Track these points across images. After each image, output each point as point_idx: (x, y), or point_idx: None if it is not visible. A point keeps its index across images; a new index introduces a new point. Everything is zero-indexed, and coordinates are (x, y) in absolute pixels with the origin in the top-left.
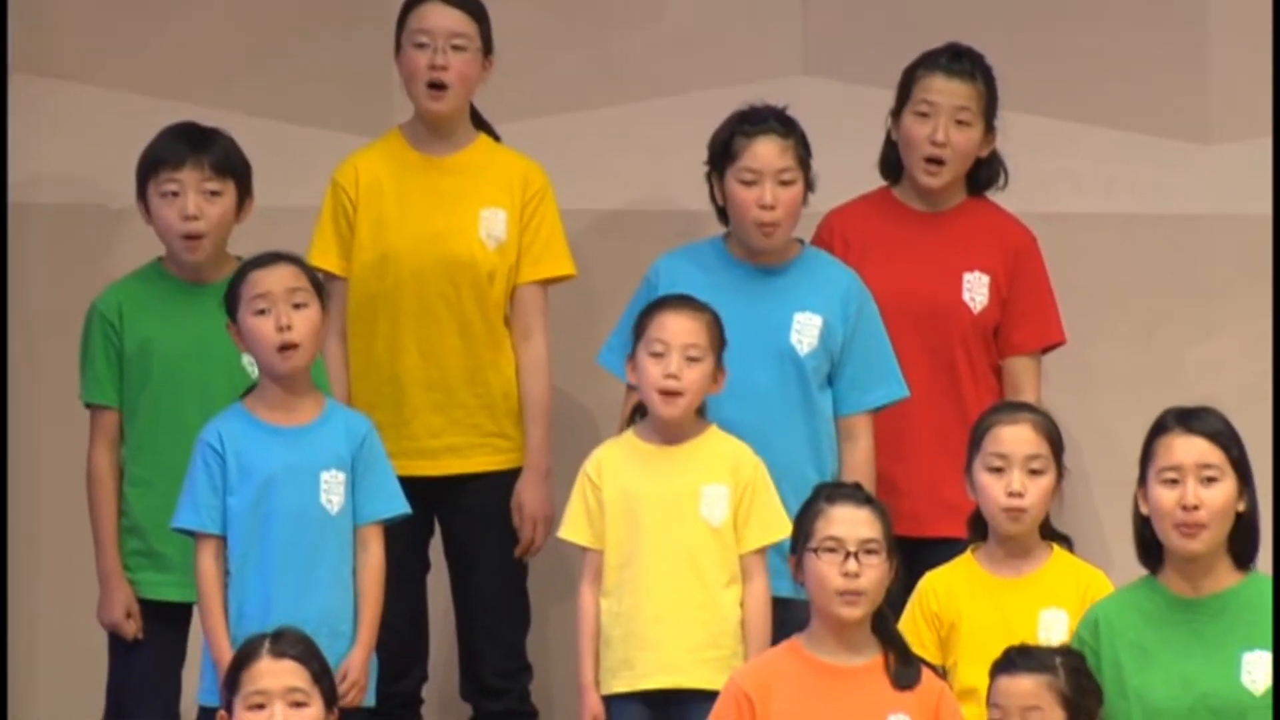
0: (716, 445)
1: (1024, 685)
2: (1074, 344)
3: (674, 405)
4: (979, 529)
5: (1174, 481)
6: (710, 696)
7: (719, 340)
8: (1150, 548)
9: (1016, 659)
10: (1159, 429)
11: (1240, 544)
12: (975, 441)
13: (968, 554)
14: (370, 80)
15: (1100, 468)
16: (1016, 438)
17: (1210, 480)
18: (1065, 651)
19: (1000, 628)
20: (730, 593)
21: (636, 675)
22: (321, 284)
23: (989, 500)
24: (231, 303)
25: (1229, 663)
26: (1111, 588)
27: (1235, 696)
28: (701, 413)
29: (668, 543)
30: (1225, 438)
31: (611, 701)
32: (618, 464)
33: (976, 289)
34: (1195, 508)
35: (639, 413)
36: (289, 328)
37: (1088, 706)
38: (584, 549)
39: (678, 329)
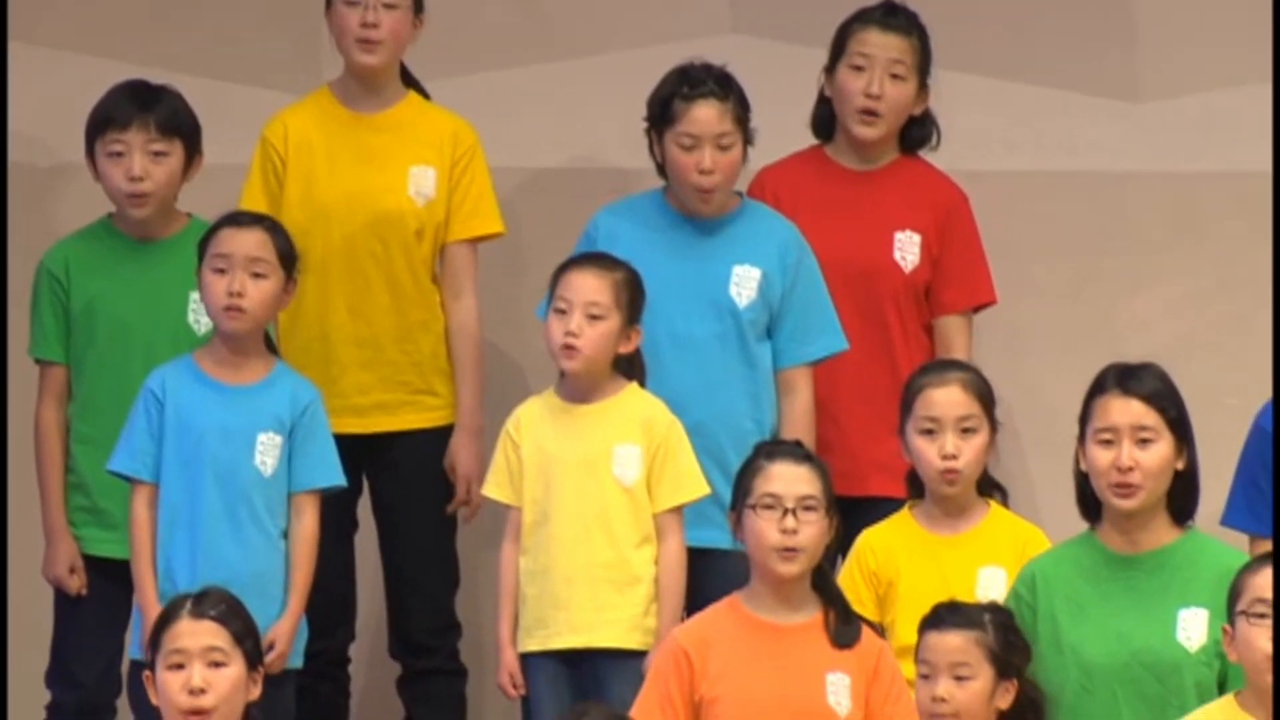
0: (631, 404)
1: (952, 642)
2: (1004, 302)
3: (572, 360)
4: (916, 487)
5: (1110, 442)
6: (622, 655)
7: (632, 299)
8: (1090, 503)
9: (945, 615)
10: (1098, 388)
11: (1179, 501)
12: (906, 404)
13: (905, 511)
14: (300, 37)
15: (1030, 425)
16: (947, 399)
17: (1146, 442)
18: (993, 608)
19: (938, 585)
20: (643, 553)
21: (549, 634)
22: (292, 254)
23: (924, 463)
24: (200, 251)
25: (1165, 619)
26: (1048, 543)
27: (1170, 653)
28: (640, 374)
29: (580, 502)
30: (1163, 398)
31: (527, 659)
32: (535, 421)
33: (908, 248)
34: (1130, 469)
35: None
36: (239, 294)
37: (1016, 663)
38: (506, 506)
39: (580, 286)
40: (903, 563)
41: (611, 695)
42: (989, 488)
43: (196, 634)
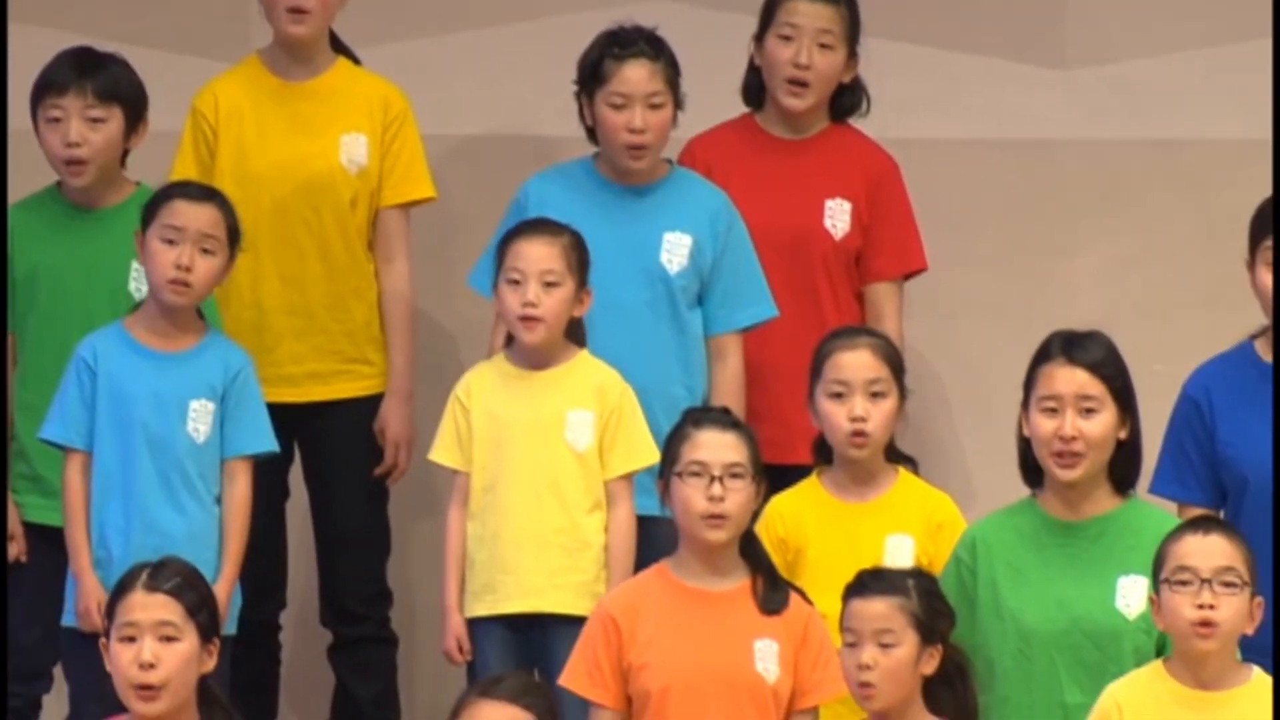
0: (584, 371)
1: (876, 608)
2: (935, 270)
3: (534, 332)
4: (824, 453)
5: (1054, 411)
6: (571, 621)
7: (580, 262)
8: (1031, 469)
9: (869, 581)
10: (1043, 355)
11: (1121, 470)
12: (816, 368)
13: (813, 478)
14: (230, 6)
15: (960, 393)
16: (856, 363)
17: (1090, 411)
18: (917, 574)
19: (846, 552)
20: (593, 518)
21: (498, 599)
22: (238, 231)
23: (832, 426)
24: (146, 214)
25: (1104, 587)
26: (957, 511)
27: (1109, 620)
28: (580, 338)
29: (532, 467)
30: (1108, 368)
31: (474, 624)
32: (486, 387)
33: (838, 216)
34: (1073, 439)
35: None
36: (188, 269)
37: (940, 629)
38: (453, 471)
39: (533, 256)
40: (811, 530)
41: (559, 661)
42: (898, 459)
43: (149, 608)
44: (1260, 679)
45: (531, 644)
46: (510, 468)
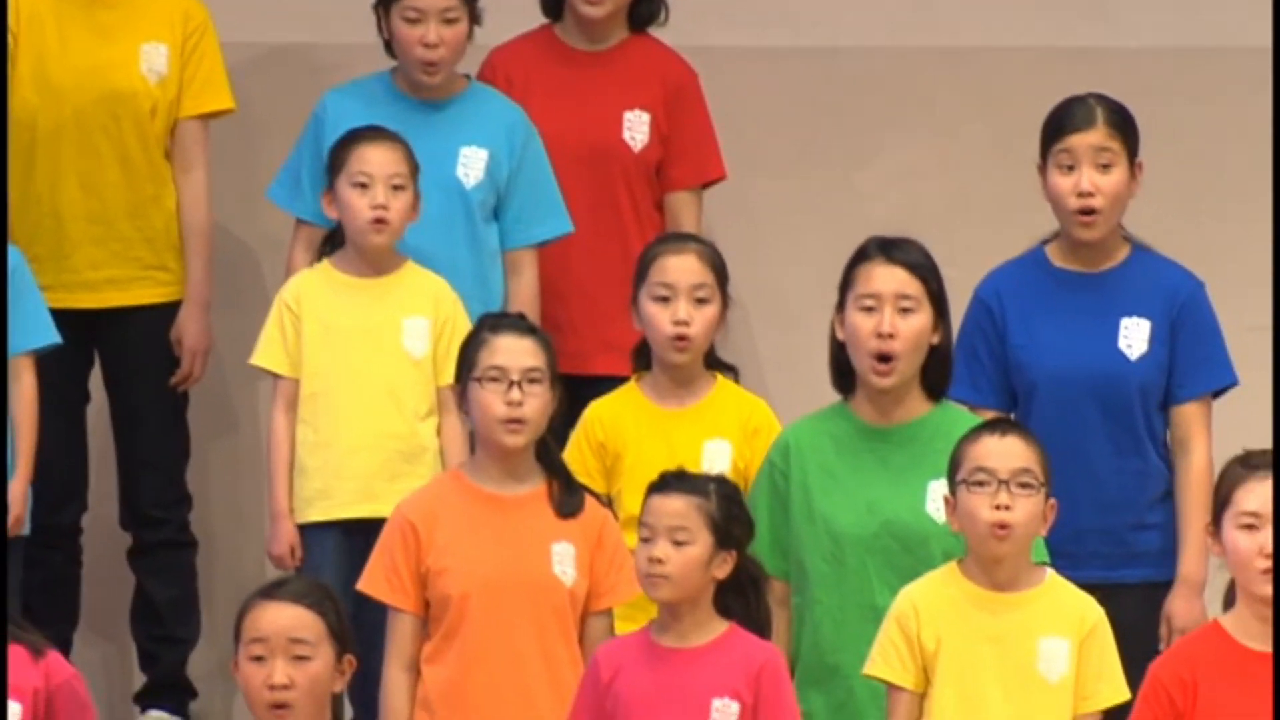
0: (416, 279)
1: (673, 505)
2: (732, 178)
3: (383, 233)
4: (641, 360)
5: (871, 309)
6: None
7: (415, 168)
8: (844, 375)
9: (670, 480)
10: (861, 256)
11: (933, 376)
12: (641, 271)
13: (632, 384)
14: None
15: (758, 300)
16: (683, 267)
17: (907, 311)
18: (720, 480)
19: (665, 457)
20: (428, 424)
21: (334, 504)
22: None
23: (655, 329)
24: None
25: (915, 491)
26: (774, 417)
27: (919, 524)
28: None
29: (368, 374)
30: (925, 270)
31: (307, 530)
32: (317, 294)
33: (637, 127)
34: (891, 336)
35: (327, 244)
36: None
37: (736, 535)
38: (277, 376)
39: (380, 160)
40: (630, 434)
41: None
42: (718, 367)
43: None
44: (1053, 581)
45: (366, 549)
46: (346, 374)
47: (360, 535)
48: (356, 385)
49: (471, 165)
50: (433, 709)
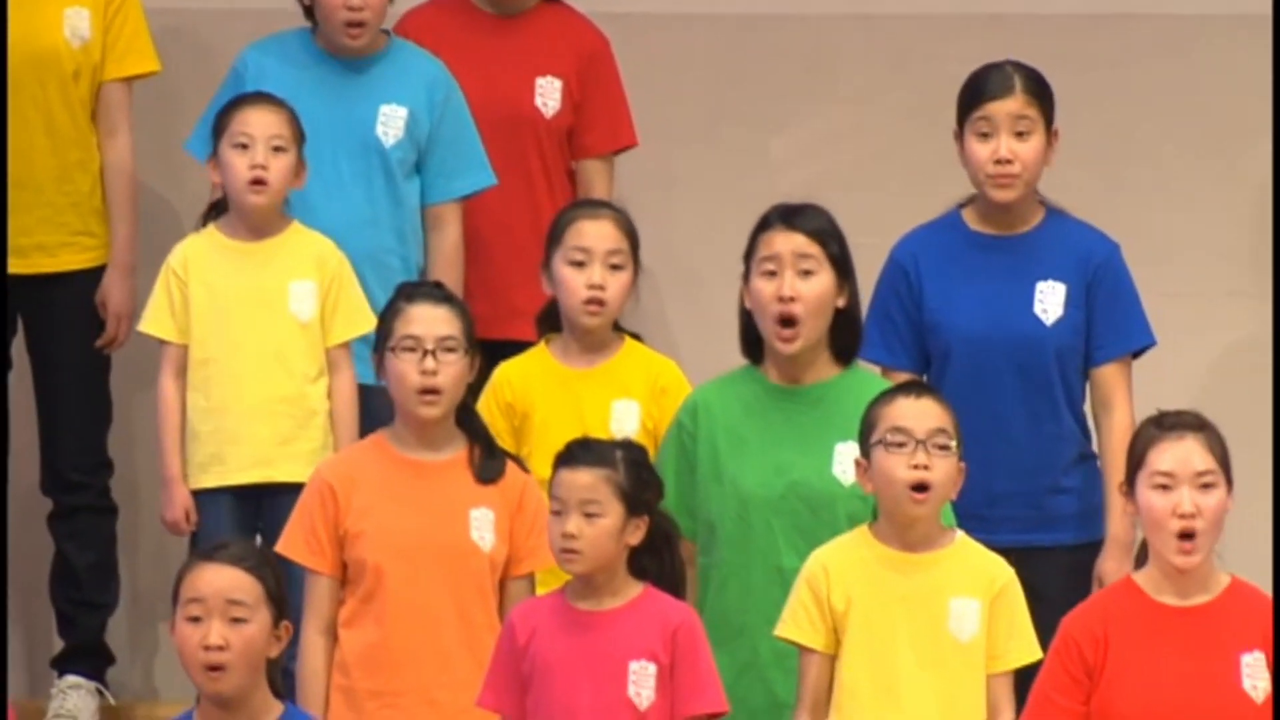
0: (301, 241)
1: (582, 479)
2: (645, 144)
3: (260, 194)
4: (548, 323)
5: (773, 273)
6: (298, 489)
7: (300, 134)
8: (752, 343)
9: (577, 452)
10: (763, 224)
11: (841, 339)
12: (555, 235)
13: (541, 346)
14: None
15: (668, 266)
16: (599, 232)
17: (807, 273)
18: (627, 445)
19: (573, 418)
20: (318, 386)
21: (228, 470)
22: None
23: (569, 293)
24: None
25: (822, 453)
26: (682, 376)
27: (825, 486)
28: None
29: (256, 338)
30: (825, 234)
31: (200, 495)
32: (202, 259)
33: (549, 94)
34: (792, 299)
35: (216, 209)
36: None
37: (647, 500)
38: (165, 343)
39: (262, 122)
40: (538, 395)
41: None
42: (622, 331)
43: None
44: (963, 542)
45: (259, 513)
46: (234, 339)
47: (253, 500)
48: (244, 350)
49: (391, 123)
50: (349, 672)
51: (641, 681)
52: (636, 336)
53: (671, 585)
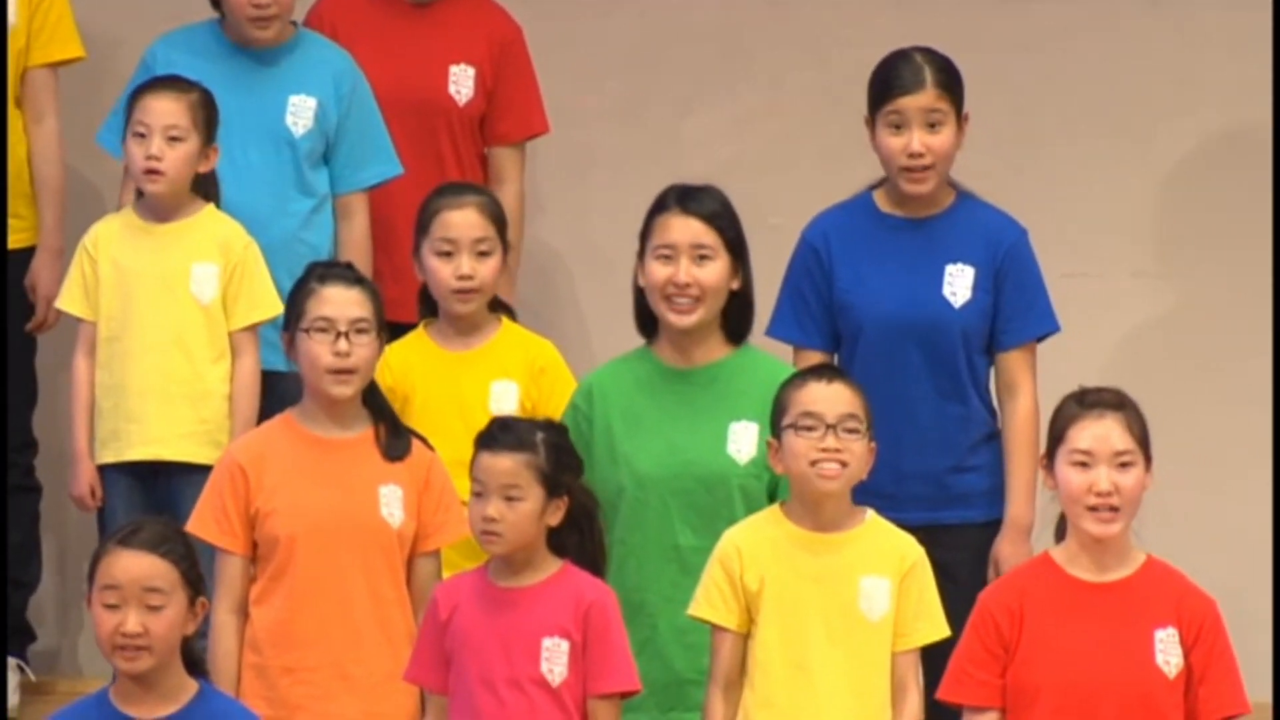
0: (208, 224)
1: (503, 464)
2: (558, 126)
3: (156, 183)
4: (427, 306)
5: (668, 259)
6: (195, 469)
7: (207, 118)
8: (646, 319)
9: (498, 434)
10: (659, 207)
11: (734, 320)
12: (423, 225)
13: (420, 329)
14: None
15: (582, 247)
16: (464, 221)
17: (703, 259)
18: (547, 426)
19: (453, 400)
20: (218, 369)
21: (123, 446)
22: None
23: (438, 282)
24: None
25: (716, 432)
26: (559, 356)
27: (720, 464)
28: (210, 193)
29: (157, 318)
30: (721, 219)
31: (104, 471)
32: (113, 238)
33: (462, 81)
34: (688, 285)
35: (139, 192)
36: None
37: (566, 480)
38: (80, 320)
39: (158, 110)
40: (418, 378)
41: (183, 508)
42: (499, 307)
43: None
44: (874, 521)
45: (157, 491)
46: (136, 319)
47: (150, 477)
48: (145, 330)
49: (300, 114)
50: (261, 649)
51: (554, 658)
52: (509, 308)
53: (591, 559)
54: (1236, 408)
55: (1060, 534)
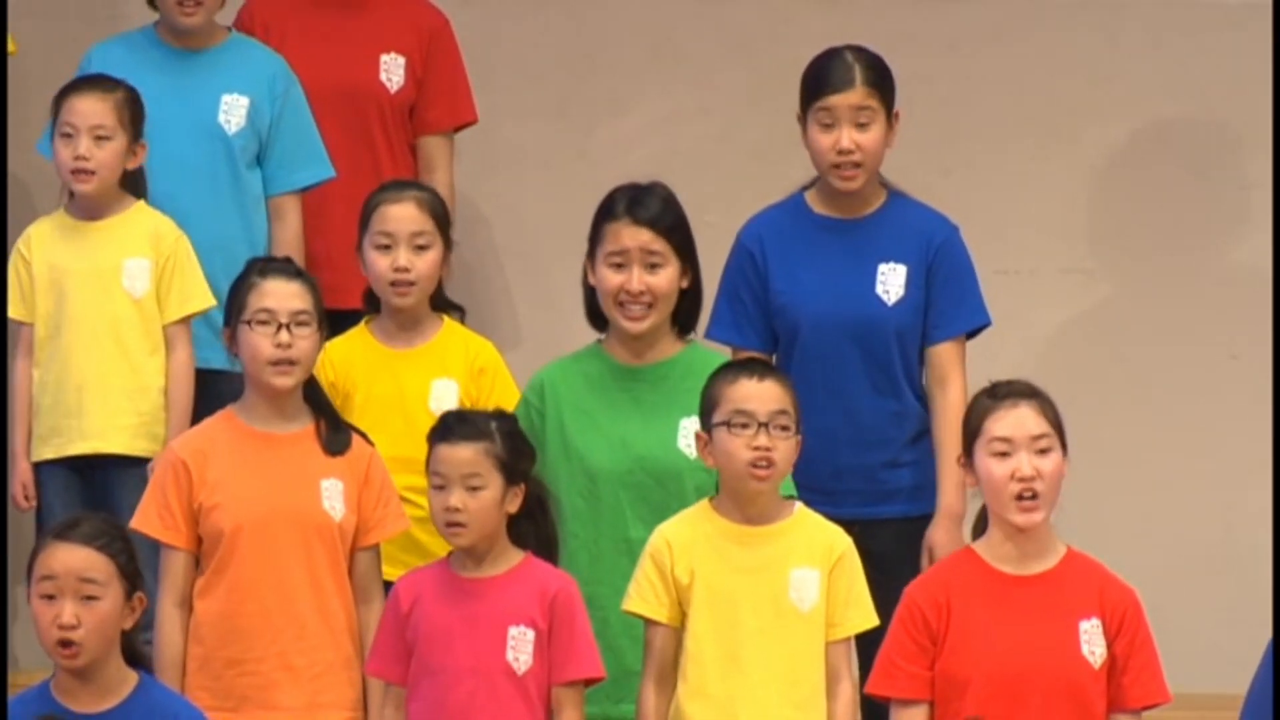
0: (139, 220)
1: (463, 454)
2: (488, 121)
3: (86, 183)
4: (373, 302)
5: (621, 266)
6: (132, 462)
7: (133, 116)
8: (598, 316)
9: (455, 426)
10: (608, 213)
11: (683, 317)
12: (364, 220)
13: (362, 326)
14: None
15: (512, 243)
16: (402, 216)
17: (654, 266)
18: (500, 416)
19: (394, 398)
20: (153, 362)
21: (63, 442)
22: None
23: (377, 276)
24: None
25: (666, 428)
26: (499, 356)
27: (670, 459)
28: (139, 189)
29: (91, 315)
30: (669, 225)
31: (41, 468)
32: (46, 239)
33: (393, 70)
34: (641, 293)
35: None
36: None
37: (523, 468)
38: (18, 323)
39: (84, 110)
40: (359, 374)
41: (120, 501)
42: (447, 306)
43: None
44: (803, 513)
45: (94, 486)
46: (71, 315)
47: (88, 471)
48: (80, 326)
49: (233, 112)
50: (205, 641)
51: (519, 647)
52: (459, 307)
53: (547, 548)
54: (1160, 401)
55: (979, 530)
